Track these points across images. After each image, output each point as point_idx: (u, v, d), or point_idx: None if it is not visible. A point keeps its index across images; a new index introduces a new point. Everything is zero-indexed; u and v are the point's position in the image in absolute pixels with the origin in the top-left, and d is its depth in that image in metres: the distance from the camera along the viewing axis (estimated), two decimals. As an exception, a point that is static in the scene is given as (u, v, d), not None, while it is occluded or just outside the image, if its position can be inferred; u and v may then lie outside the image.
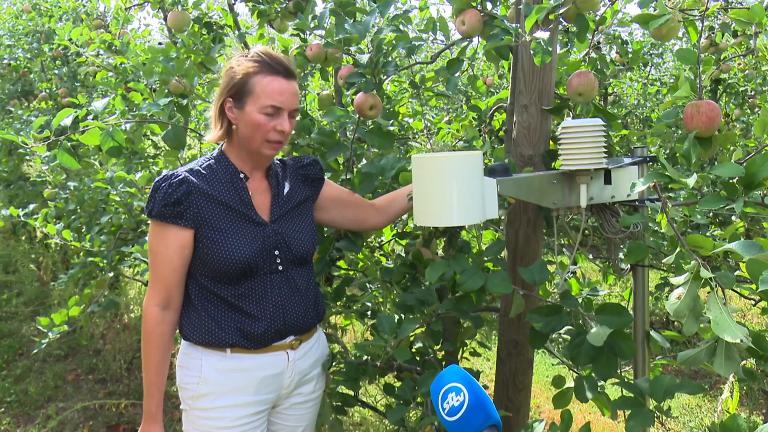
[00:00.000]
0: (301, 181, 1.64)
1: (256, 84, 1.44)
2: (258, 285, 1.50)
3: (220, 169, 1.51)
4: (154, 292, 1.48)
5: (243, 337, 1.49)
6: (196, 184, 1.45)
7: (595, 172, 1.53)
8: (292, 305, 1.54)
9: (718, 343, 1.15)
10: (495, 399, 1.84)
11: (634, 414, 1.29)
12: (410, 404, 1.57)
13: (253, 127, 1.46)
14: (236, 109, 1.47)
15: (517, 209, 1.75)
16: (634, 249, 1.51)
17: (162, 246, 1.45)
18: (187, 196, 1.44)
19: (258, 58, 1.46)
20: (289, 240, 1.54)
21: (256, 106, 1.45)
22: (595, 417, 3.19)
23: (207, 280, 1.49)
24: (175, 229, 1.44)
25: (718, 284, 1.10)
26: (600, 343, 1.37)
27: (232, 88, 1.46)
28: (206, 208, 1.45)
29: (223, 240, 1.45)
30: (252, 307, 1.49)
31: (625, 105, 5.86)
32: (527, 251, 1.75)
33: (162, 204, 1.43)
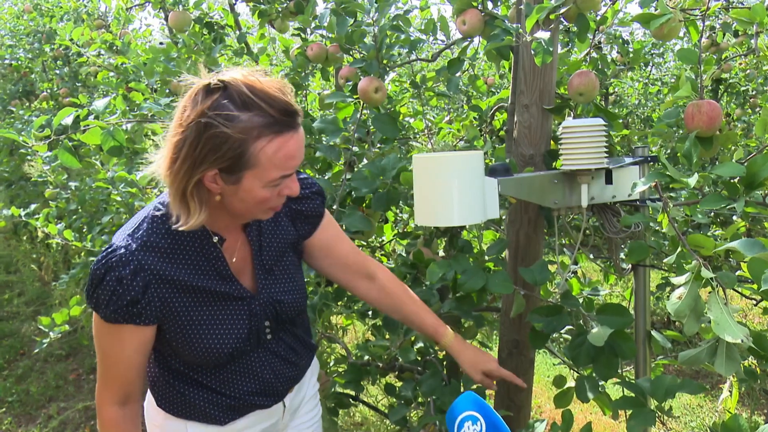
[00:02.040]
0: (291, 219, 1.28)
1: (260, 154, 1.00)
2: (242, 366, 1.23)
3: (185, 234, 1.11)
4: (108, 392, 1.16)
5: (232, 412, 1.25)
6: (155, 271, 1.07)
7: (596, 171, 1.53)
8: (283, 374, 1.29)
9: (719, 343, 1.15)
10: (496, 399, 1.84)
11: (635, 414, 1.29)
12: (411, 404, 1.58)
13: (253, 204, 1.08)
14: (226, 183, 1.03)
15: (518, 209, 1.75)
16: (635, 249, 1.51)
17: (116, 347, 1.12)
18: (144, 292, 1.07)
19: (259, 112, 0.99)
20: (281, 306, 1.24)
21: (261, 181, 1.04)
22: (597, 417, 3.19)
23: (178, 364, 1.21)
24: (131, 329, 1.10)
25: (719, 284, 1.10)
26: (601, 344, 1.37)
27: (223, 159, 0.99)
28: (173, 299, 1.11)
29: (198, 333, 1.14)
30: (235, 389, 1.23)
31: (626, 105, 5.86)
32: (528, 251, 1.75)
33: (113, 308, 1.07)
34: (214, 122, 0.97)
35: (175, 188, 1.03)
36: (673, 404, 3.47)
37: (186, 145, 0.99)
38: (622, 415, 1.68)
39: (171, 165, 1.02)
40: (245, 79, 1.00)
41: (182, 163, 1.00)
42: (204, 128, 0.97)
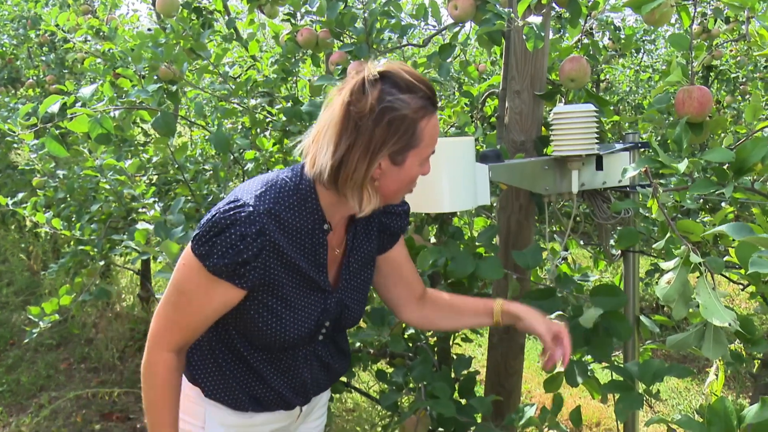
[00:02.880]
0: (378, 232, 1.30)
1: (423, 130, 1.08)
2: (289, 358, 1.25)
3: (305, 212, 1.14)
4: (170, 336, 1.17)
5: (257, 404, 1.27)
6: (273, 240, 1.10)
7: (586, 158, 1.54)
8: (318, 378, 1.31)
9: (707, 327, 1.17)
10: (486, 384, 1.86)
11: (623, 397, 1.31)
12: (403, 390, 1.59)
13: (405, 183, 1.13)
14: (393, 164, 1.09)
15: (509, 195, 1.76)
16: (625, 235, 1.53)
17: (202, 298, 1.13)
18: (257, 256, 1.09)
19: (420, 94, 1.07)
20: (346, 312, 1.26)
21: (419, 158, 1.11)
22: (586, 401, 3.23)
23: (237, 340, 1.23)
24: (227, 287, 1.11)
25: (708, 269, 1.11)
26: (590, 325, 1.39)
27: (400, 141, 1.06)
28: (275, 271, 1.13)
29: (282, 313, 1.16)
30: (274, 379, 1.25)
31: (617, 92, 5.87)
32: (519, 237, 1.76)
33: (225, 261, 1.08)
34: (394, 105, 1.04)
35: (354, 180, 1.07)
36: (660, 388, 3.52)
37: (363, 134, 1.05)
38: (611, 399, 1.70)
39: (344, 159, 1.06)
40: (401, 66, 1.09)
41: (362, 153, 1.05)
42: (383, 113, 1.04)
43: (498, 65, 4.37)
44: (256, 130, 2.48)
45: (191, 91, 2.96)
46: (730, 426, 1.07)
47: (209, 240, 1.08)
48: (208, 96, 3.12)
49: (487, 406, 1.53)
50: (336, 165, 1.07)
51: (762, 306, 1.62)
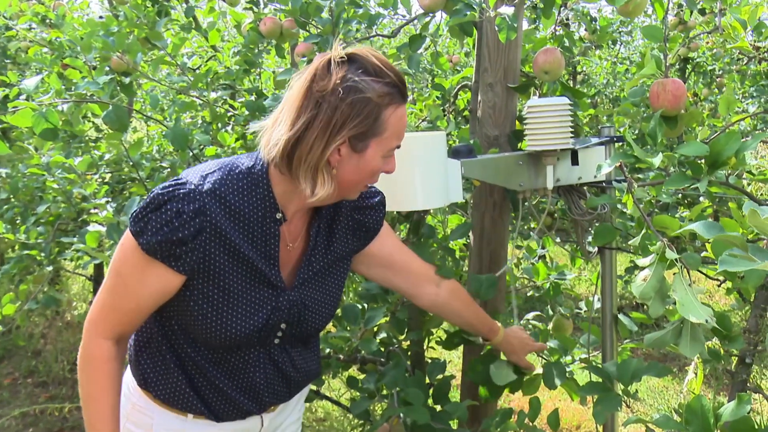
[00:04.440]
0: (352, 230, 1.29)
1: (389, 120, 1.09)
2: (236, 357, 1.21)
3: (255, 198, 1.12)
4: (106, 324, 1.14)
5: (210, 411, 1.23)
6: (213, 221, 1.08)
7: (561, 152, 1.57)
8: (273, 386, 1.27)
9: (684, 325, 1.21)
10: (462, 389, 1.89)
11: (601, 399, 1.34)
12: (375, 397, 1.60)
13: (365, 174, 1.13)
14: (353, 151, 1.09)
15: (482, 192, 1.78)
16: (602, 231, 1.56)
17: (138, 281, 1.11)
18: (195, 237, 1.07)
19: (389, 81, 1.08)
20: (305, 314, 1.23)
21: (381, 149, 1.11)
22: (566, 404, 3.29)
23: (181, 336, 1.20)
24: (162, 269, 1.09)
25: (684, 265, 1.15)
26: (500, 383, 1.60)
27: (361, 125, 1.06)
28: (217, 257, 1.10)
29: (222, 306, 1.13)
30: (221, 377, 1.21)
31: (594, 84, 5.98)
32: (493, 235, 1.79)
33: (159, 238, 1.06)
34: (358, 86, 1.05)
35: (308, 161, 1.06)
36: (640, 388, 3.61)
37: (323, 113, 1.04)
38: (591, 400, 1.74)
39: (301, 135, 1.05)
40: (370, 51, 1.09)
41: (320, 132, 1.05)
42: (346, 93, 1.04)
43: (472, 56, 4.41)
44: (217, 125, 2.46)
45: (147, 84, 2.93)
46: (708, 424, 1.11)
47: (145, 216, 1.07)
48: (165, 88, 3.09)
49: (462, 412, 1.55)
50: (292, 141, 1.06)
51: (738, 302, 1.68)
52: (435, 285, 1.44)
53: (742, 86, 4.87)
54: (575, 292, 2.35)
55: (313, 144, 1.05)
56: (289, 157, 1.07)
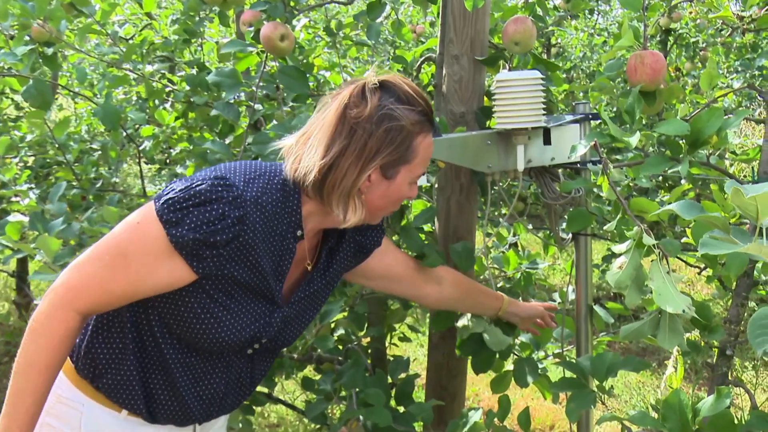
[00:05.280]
0: (353, 251, 1.39)
1: (418, 147, 1.19)
2: (208, 362, 1.25)
3: (285, 212, 1.19)
4: (88, 297, 1.13)
5: (149, 412, 1.25)
6: (248, 233, 1.13)
7: (533, 131, 1.58)
8: (228, 397, 1.31)
9: (662, 315, 1.23)
10: (427, 387, 1.90)
11: (574, 396, 1.37)
12: (332, 398, 1.60)
13: (392, 201, 1.23)
14: (384, 177, 1.19)
15: (448, 174, 1.79)
16: (576, 216, 1.58)
17: (146, 268, 1.12)
18: (228, 243, 1.12)
19: (419, 109, 1.19)
20: (286, 332, 1.31)
21: (409, 176, 1.21)
22: (539, 402, 3.35)
23: (158, 329, 1.22)
24: (180, 265, 1.12)
25: (662, 252, 1.17)
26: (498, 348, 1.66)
27: (395, 152, 1.16)
28: (236, 266, 1.15)
29: (222, 313, 1.18)
30: (185, 381, 1.24)
31: (569, 57, 6.04)
32: (460, 221, 1.79)
33: (195, 236, 1.09)
34: (394, 114, 1.15)
35: (342, 187, 1.16)
36: (617, 384, 3.69)
37: (358, 139, 1.14)
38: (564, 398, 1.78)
39: (335, 162, 1.14)
40: (402, 79, 1.20)
41: (354, 159, 1.14)
42: (381, 120, 1.14)
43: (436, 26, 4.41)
44: (154, 102, 2.42)
45: (73, 55, 2.85)
46: (686, 420, 1.15)
47: (185, 208, 1.10)
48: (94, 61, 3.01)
49: (427, 413, 1.57)
50: (325, 168, 1.14)
51: (719, 290, 1.73)
52: (436, 283, 1.55)
53: (727, 60, 4.98)
54: (549, 282, 2.38)
55: (347, 171, 1.15)
56: (321, 183, 1.16)
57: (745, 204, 0.76)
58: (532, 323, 1.73)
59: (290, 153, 1.20)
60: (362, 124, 1.14)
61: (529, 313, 1.69)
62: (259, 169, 1.21)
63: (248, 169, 1.19)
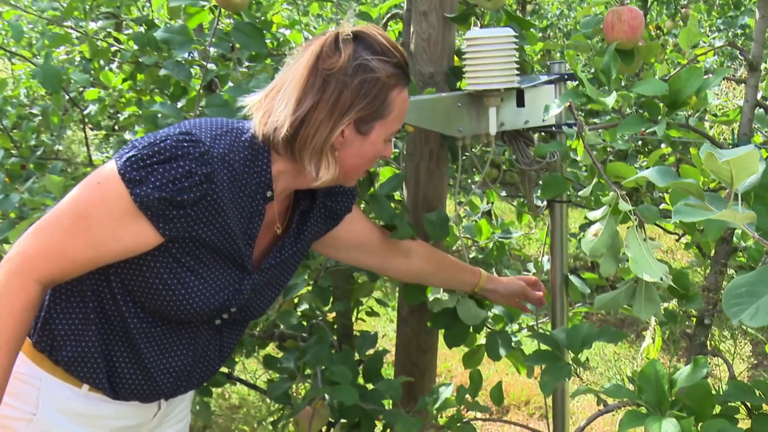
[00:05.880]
0: (323, 217, 1.40)
1: (395, 102, 1.21)
2: (175, 333, 1.26)
3: (254, 171, 1.20)
4: (47, 264, 1.12)
5: (111, 387, 1.25)
6: (218, 192, 1.14)
7: (506, 92, 1.58)
8: (196, 370, 1.32)
9: (638, 284, 1.26)
10: (396, 364, 1.92)
11: (548, 369, 1.39)
12: (296, 377, 1.61)
13: (366, 159, 1.24)
14: (358, 133, 1.20)
15: (417, 139, 1.79)
16: (551, 182, 1.60)
17: (109, 231, 1.11)
18: (196, 203, 1.12)
19: (395, 62, 1.19)
20: (257, 299, 1.32)
21: (384, 132, 1.23)
22: (513, 377, 3.42)
23: (120, 297, 1.21)
24: (145, 227, 1.11)
25: (639, 218, 1.19)
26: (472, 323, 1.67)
27: (369, 106, 1.17)
28: (205, 228, 1.15)
29: (189, 279, 1.19)
30: (151, 352, 1.24)
31: (546, 15, 6.05)
32: (430, 189, 1.80)
33: (160, 195, 1.08)
34: (369, 65, 1.15)
35: (314, 143, 1.16)
36: (594, 357, 3.78)
37: (331, 92, 1.14)
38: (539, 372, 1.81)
39: (306, 116, 1.15)
40: (376, 29, 1.20)
41: (327, 112, 1.15)
42: (356, 72, 1.15)
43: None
44: (99, 63, 2.38)
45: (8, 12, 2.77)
46: (662, 391, 1.18)
47: (149, 165, 1.09)
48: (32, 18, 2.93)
49: (396, 390, 1.58)
50: (296, 123, 1.15)
51: (698, 258, 1.77)
52: (404, 255, 1.57)
53: (709, 18, 5.03)
54: (524, 253, 2.41)
55: (320, 125, 1.15)
56: (293, 138, 1.16)
57: (720, 169, 0.77)
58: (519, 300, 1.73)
59: (258, 108, 1.20)
60: (336, 76, 1.14)
61: (510, 290, 1.69)
62: (226, 125, 1.21)
63: (214, 125, 1.19)
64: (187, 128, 1.15)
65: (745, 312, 0.75)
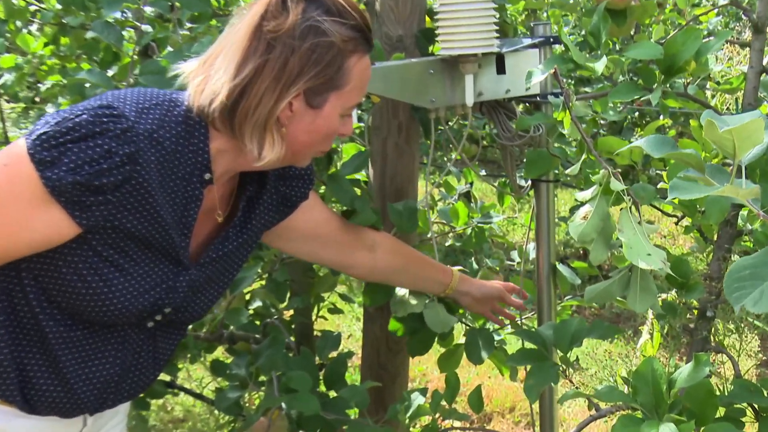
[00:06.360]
0: (275, 204, 1.40)
1: (353, 71, 1.19)
2: (99, 338, 1.24)
3: (188, 150, 1.18)
4: None
5: (24, 400, 1.23)
6: (145, 174, 1.11)
7: (483, 57, 1.59)
8: (125, 381, 1.31)
9: (632, 273, 1.28)
10: (362, 366, 1.94)
11: (534, 371, 1.41)
12: (248, 385, 1.61)
13: (319, 136, 1.23)
14: (309, 106, 1.18)
15: (384, 112, 1.79)
16: (535, 159, 1.62)
17: (16, 221, 1.09)
18: (118, 188, 1.09)
19: (355, 21, 1.17)
20: (196, 298, 1.31)
21: (341, 106, 1.21)
22: (496, 381, 3.45)
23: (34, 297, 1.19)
24: (58, 216, 1.09)
25: (633, 198, 1.21)
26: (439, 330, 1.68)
27: (322, 74, 1.15)
28: (129, 217, 1.13)
29: (113, 276, 1.17)
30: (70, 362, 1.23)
31: (531, -31, 6.07)
32: (400, 168, 1.81)
33: (74, 179, 1.06)
34: (321, 27, 1.13)
35: (256, 116, 1.14)
36: (586, 356, 3.83)
37: (276, 58, 1.12)
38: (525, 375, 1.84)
39: (247, 85, 1.12)
40: None
41: (272, 81, 1.12)
42: (306, 35, 1.12)
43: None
44: (15, 24, 2.34)
45: None
46: (659, 392, 1.20)
47: (62, 144, 1.06)
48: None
49: (362, 397, 1.59)
50: (235, 93, 1.12)
51: (699, 242, 1.80)
52: (369, 250, 1.57)
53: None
54: (508, 240, 2.43)
55: (263, 96, 1.13)
56: (231, 111, 1.14)
57: (721, 139, 0.78)
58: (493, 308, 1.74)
59: (194, 77, 1.18)
60: (282, 39, 1.12)
61: (486, 293, 1.71)
62: (156, 97, 1.18)
63: (142, 97, 1.17)
64: (108, 101, 1.12)
65: (748, 297, 0.75)
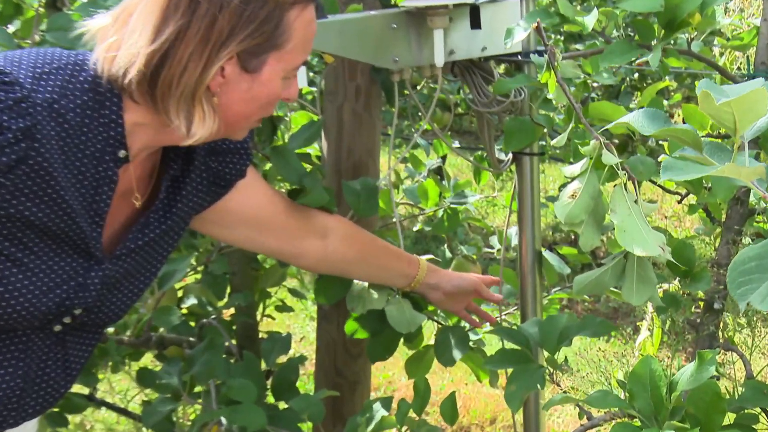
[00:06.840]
0: (206, 183, 1.40)
1: (291, 26, 1.18)
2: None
3: (97, 124, 1.16)
4: None
5: None
6: (43, 152, 1.10)
7: (455, 9, 1.59)
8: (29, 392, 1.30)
9: (628, 260, 1.29)
10: (317, 372, 1.94)
11: (516, 375, 1.42)
12: (181, 396, 1.61)
13: (258, 103, 1.23)
14: (244, 71, 1.17)
15: (339, 73, 1.79)
16: (516, 129, 1.62)
17: None
18: (11, 169, 1.08)
19: None
20: (112, 296, 1.31)
21: (282, 68, 1.21)
22: (475, 388, 3.47)
23: None
24: None
25: (629, 174, 1.22)
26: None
27: (257, 33, 1.15)
28: (27, 203, 1.12)
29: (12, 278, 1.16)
30: None
31: None
32: (358, 139, 1.81)
33: None
34: None
35: (181, 86, 1.12)
36: (576, 357, 3.87)
37: (201, 17, 1.10)
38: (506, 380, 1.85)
39: (169, 50, 1.11)
40: None
41: (198, 44, 1.11)
42: None
43: None
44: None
45: None
46: (658, 396, 1.22)
47: None
48: None
49: (317, 408, 1.60)
50: (154, 60, 1.11)
51: (706, 223, 1.83)
52: (320, 236, 1.58)
53: None
54: (486, 224, 2.43)
55: (188, 62, 1.11)
56: (152, 81, 1.12)
57: (719, 112, 0.79)
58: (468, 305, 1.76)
59: (104, 37, 1.15)
60: None
61: (458, 286, 1.71)
62: (57, 59, 1.17)
63: (40, 60, 1.15)
64: (3, 63, 1.11)
65: (754, 293, 0.75)
